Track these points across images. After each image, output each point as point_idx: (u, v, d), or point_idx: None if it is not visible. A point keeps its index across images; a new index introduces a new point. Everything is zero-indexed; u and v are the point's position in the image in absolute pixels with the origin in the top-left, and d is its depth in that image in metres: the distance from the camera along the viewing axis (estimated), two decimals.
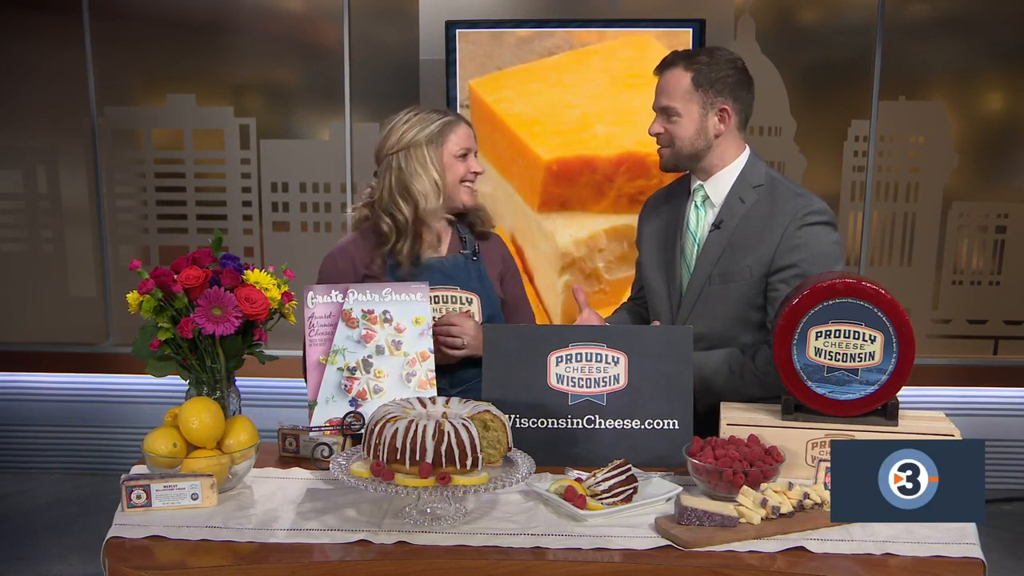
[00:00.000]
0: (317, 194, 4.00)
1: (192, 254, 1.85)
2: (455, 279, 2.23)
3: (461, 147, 2.20)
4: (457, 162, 2.21)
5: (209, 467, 1.70)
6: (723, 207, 2.16)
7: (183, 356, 1.82)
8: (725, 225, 2.14)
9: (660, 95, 2.15)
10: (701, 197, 2.20)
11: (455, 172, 2.21)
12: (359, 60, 3.84)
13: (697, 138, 2.13)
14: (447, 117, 2.21)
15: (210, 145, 3.98)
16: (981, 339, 4.01)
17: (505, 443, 1.65)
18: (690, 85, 2.11)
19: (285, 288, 1.90)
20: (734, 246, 2.12)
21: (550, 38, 3.43)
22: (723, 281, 2.13)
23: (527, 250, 3.58)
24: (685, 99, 2.12)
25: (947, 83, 3.85)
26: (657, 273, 2.26)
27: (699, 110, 2.12)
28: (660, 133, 2.16)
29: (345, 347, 1.97)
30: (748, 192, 2.14)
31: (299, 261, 2.46)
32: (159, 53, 3.91)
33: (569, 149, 3.46)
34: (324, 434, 1.91)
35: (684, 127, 2.13)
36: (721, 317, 2.14)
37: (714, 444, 1.76)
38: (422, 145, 2.17)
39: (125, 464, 1.93)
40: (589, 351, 1.91)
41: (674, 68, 2.13)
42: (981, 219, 3.93)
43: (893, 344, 1.78)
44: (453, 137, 2.20)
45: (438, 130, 2.18)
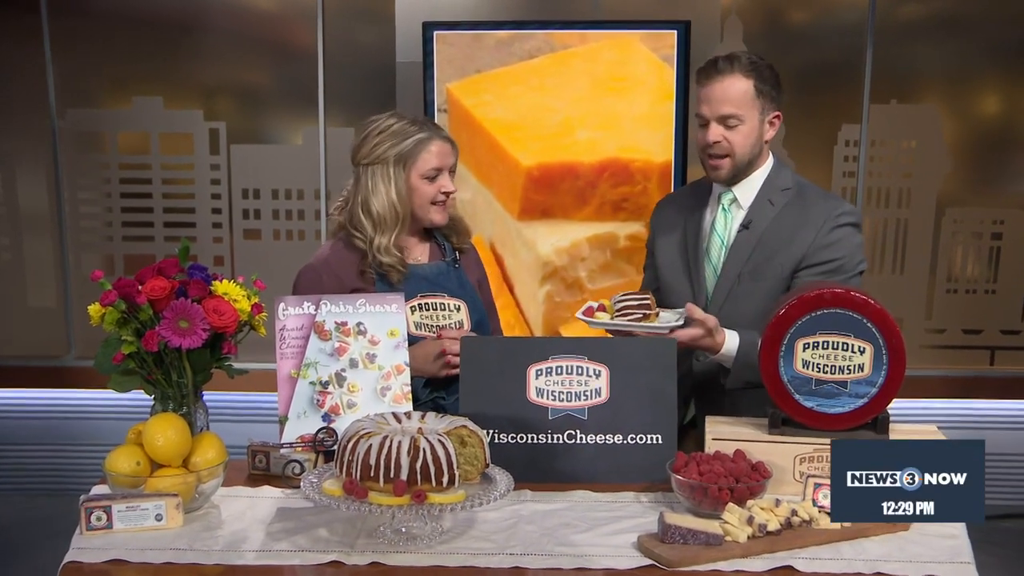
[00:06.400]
0: (290, 201, 3.99)
1: (158, 264, 1.85)
2: (441, 286, 2.25)
3: (432, 167, 2.18)
4: (425, 184, 2.19)
5: (175, 486, 1.70)
6: (752, 209, 2.27)
7: (148, 370, 1.82)
8: (754, 226, 2.25)
9: (720, 103, 2.18)
10: (729, 200, 2.30)
11: (423, 194, 2.20)
12: (333, 62, 3.84)
13: (754, 146, 2.23)
14: (421, 134, 2.18)
15: (178, 150, 3.97)
16: (977, 349, 4.03)
17: (483, 459, 1.66)
18: (753, 92, 2.19)
19: (255, 299, 1.91)
20: (764, 245, 2.24)
21: (530, 40, 3.44)
22: (753, 279, 2.24)
23: (507, 259, 3.59)
24: (748, 106, 2.19)
25: (940, 85, 3.87)
26: (680, 276, 2.34)
27: (758, 117, 2.22)
28: (719, 142, 2.21)
29: (317, 360, 1.98)
30: (777, 195, 2.27)
31: (271, 271, 2.46)
32: (124, 53, 3.89)
33: (550, 155, 3.47)
34: (295, 451, 1.91)
35: (745, 135, 2.20)
36: (748, 314, 2.22)
37: (699, 459, 1.78)
38: (389, 163, 2.17)
39: (86, 484, 1.92)
40: (570, 364, 1.92)
41: (733, 74, 2.18)
42: (976, 225, 3.95)
43: (883, 355, 1.81)
44: (425, 156, 2.18)
45: (409, 149, 2.17)
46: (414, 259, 2.27)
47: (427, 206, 2.21)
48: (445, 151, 2.21)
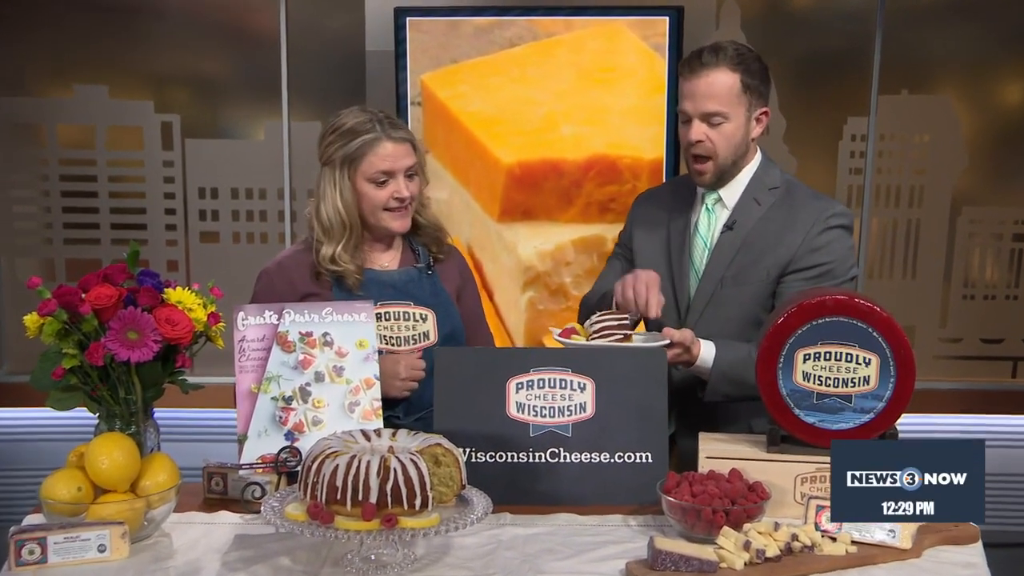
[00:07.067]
0: (251, 201, 3.99)
1: (104, 270, 1.86)
2: (409, 294, 2.26)
3: (377, 170, 2.16)
4: (373, 188, 2.18)
5: (120, 513, 1.69)
6: (736, 208, 2.29)
7: (92, 386, 1.82)
8: (739, 226, 2.27)
9: (703, 98, 2.20)
10: (713, 200, 2.32)
11: (372, 200, 2.19)
12: (298, 50, 3.84)
13: (739, 146, 2.25)
14: (370, 134, 2.16)
15: (126, 144, 3.95)
16: (997, 360, 4.02)
17: (459, 480, 1.67)
18: (739, 87, 2.20)
19: (212, 308, 1.91)
20: (748, 247, 2.25)
21: (511, 28, 3.46)
22: (736, 284, 2.25)
23: (486, 264, 3.60)
24: (734, 103, 2.21)
25: (956, 74, 3.87)
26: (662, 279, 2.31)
27: (745, 114, 2.23)
28: (701, 141, 2.22)
29: (280, 374, 1.99)
30: (764, 194, 2.29)
31: (230, 277, 2.47)
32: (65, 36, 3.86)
33: (533, 151, 3.49)
34: (256, 472, 1.92)
35: (730, 134, 2.22)
36: (731, 320, 2.25)
37: (691, 479, 1.79)
38: (335, 166, 2.18)
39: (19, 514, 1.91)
40: (553, 377, 1.94)
41: (718, 68, 2.19)
42: (995, 226, 3.96)
43: (890, 367, 1.83)
44: (371, 159, 2.16)
45: (354, 150, 2.16)
46: (380, 265, 2.28)
47: (378, 213, 2.20)
48: (399, 152, 2.17)
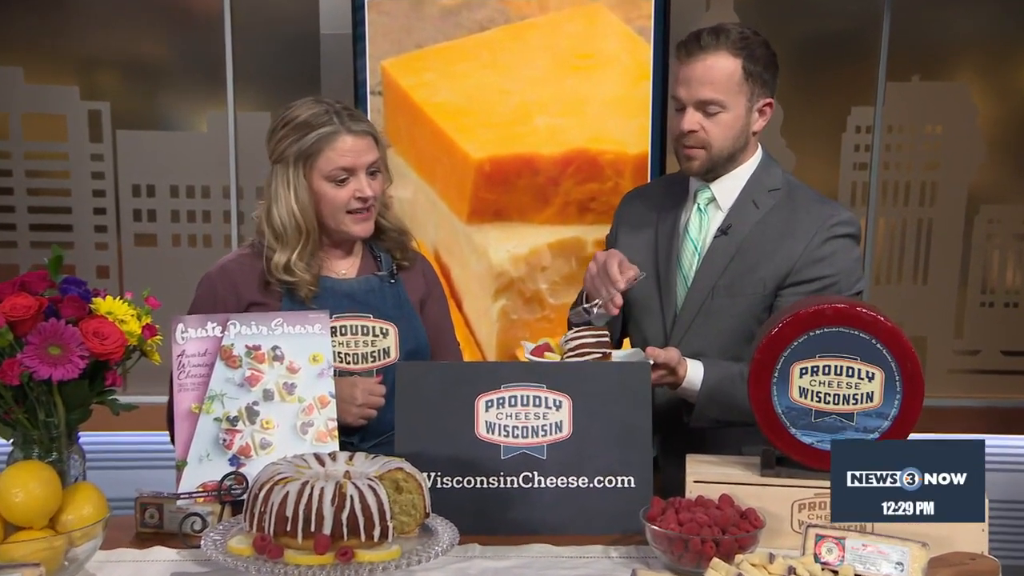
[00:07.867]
0: (193, 200, 3.99)
1: (21, 277, 1.84)
2: (370, 305, 2.27)
3: (337, 167, 2.17)
4: (332, 188, 2.19)
5: (36, 554, 1.65)
6: (732, 211, 2.30)
7: (6, 408, 1.80)
8: (734, 231, 2.28)
9: (700, 85, 2.21)
10: (706, 199, 2.33)
11: (331, 201, 2.20)
12: (244, 33, 3.84)
13: (737, 139, 2.26)
14: (327, 127, 2.16)
15: (47, 135, 3.93)
16: (1018, 375, 4.06)
17: (422, 508, 1.68)
18: (740, 74, 2.21)
19: (147, 320, 1.91)
20: (744, 255, 2.26)
21: (481, 9, 3.47)
22: (729, 294, 2.26)
23: (454, 269, 3.62)
24: (734, 91, 2.22)
25: (972, 59, 3.92)
26: (648, 286, 2.34)
27: (745, 104, 2.24)
28: (694, 131, 2.24)
29: (224, 392, 1.99)
30: (763, 196, 2.30)
31: (168, 285, 2.47)
32: None
33: (505, 146, 3.51)
34: (196, 502, 1.92)
35: (726, 126, 2.23)
36: (722, 333, 2.27)
37: (678, 506, 1.80)
38: (288, 163, 2.19)
39: None
40: (526, 393, 1.96)
41: (719, 51, 2.20)
42: (1016, 226, 4.00)
43: (896, 382, 1.84)
44: (329, 155, 2.17)
45: (309, 146, 2.16)
46: (337, 274, 2.29)
47: (339, 216, 2.21)
48: (359, 147, 2.18)
